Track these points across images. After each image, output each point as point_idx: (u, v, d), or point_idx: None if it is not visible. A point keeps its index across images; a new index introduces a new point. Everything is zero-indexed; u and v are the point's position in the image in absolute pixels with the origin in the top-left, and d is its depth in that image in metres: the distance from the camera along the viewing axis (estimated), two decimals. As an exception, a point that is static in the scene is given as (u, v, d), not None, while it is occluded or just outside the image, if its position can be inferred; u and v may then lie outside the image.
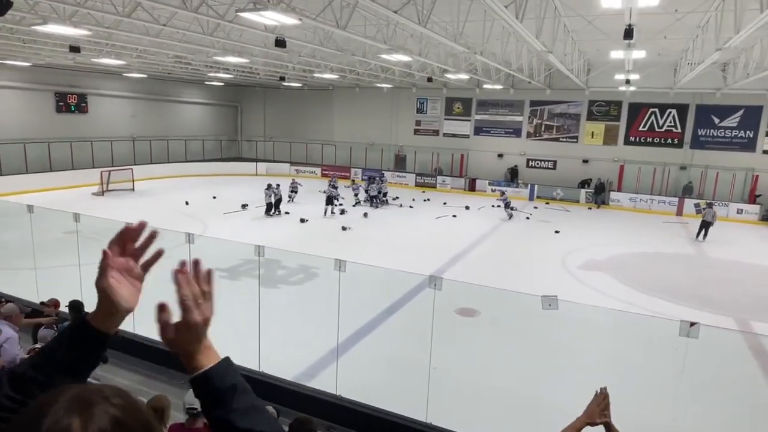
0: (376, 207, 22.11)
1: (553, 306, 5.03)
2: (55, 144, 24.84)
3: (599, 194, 25.21)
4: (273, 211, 19.26)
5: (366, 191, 23.28)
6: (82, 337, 1.13)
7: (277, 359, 7.31)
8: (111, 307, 1.12)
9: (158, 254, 1.20)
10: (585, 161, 26.86)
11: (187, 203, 20.88)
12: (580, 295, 11.27)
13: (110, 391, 0.89)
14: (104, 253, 1.13)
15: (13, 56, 20.61)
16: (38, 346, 5.49)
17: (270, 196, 19.13)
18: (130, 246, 1.17)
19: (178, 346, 1.13)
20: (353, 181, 27.53)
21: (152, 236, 1.20)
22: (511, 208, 21.10)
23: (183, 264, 1.17)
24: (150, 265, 1.19)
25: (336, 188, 20.85)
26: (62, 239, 12.13)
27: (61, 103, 26.08)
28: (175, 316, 1.17)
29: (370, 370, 8.01)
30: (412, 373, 7.70)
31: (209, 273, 1.17)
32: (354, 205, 22.08)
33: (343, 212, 20.42)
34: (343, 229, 17.42)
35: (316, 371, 7.57)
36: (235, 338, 8.29)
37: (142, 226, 1.18)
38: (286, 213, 19.60)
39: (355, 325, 9.15)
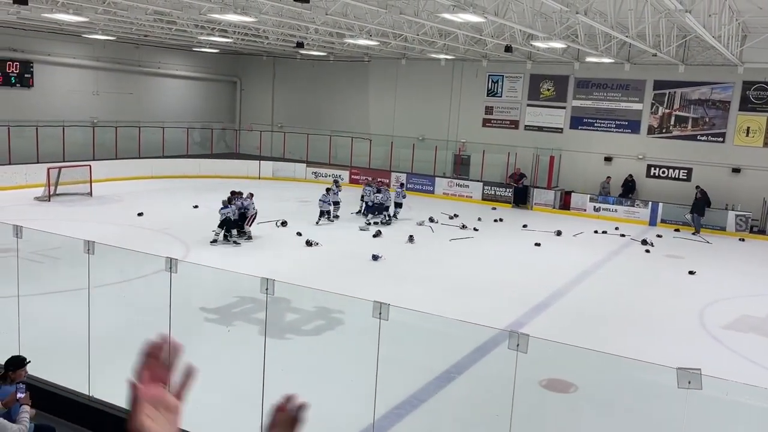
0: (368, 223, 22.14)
1: (694, 384, 4.88)
2: (-12, 129, 26.01)
3: (699, 213, 24.70)
4: (223, 232, 18.76)
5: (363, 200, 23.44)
6: None
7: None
8: None
9: (189, 374, 1.33)
10: (735, 170, 26.17)
11: (140, 214, 21.37)
12: (726, 368, 10.90)
13: None
14: (133, 386, 1.24)
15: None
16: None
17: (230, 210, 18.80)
18: (156, 369, 1.29)
19: None
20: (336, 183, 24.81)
21: (176, 351, 1.36)
22: (382, 221, 21.77)
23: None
24: (183, 390, 1.32)
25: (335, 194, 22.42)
26: (-5, 260, 12.66)
27: (-2, 73, 27.35)
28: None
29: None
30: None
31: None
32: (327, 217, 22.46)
33: (377, 234, 20.55)
34: (374, 258, 17.52)
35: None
36: (228, 408, 8.47)
37: (164, 340, 1.32)
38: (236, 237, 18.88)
39: (397, 395, 9.11)
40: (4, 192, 24.22)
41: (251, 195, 19.86)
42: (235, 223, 18.94)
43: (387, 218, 22.92)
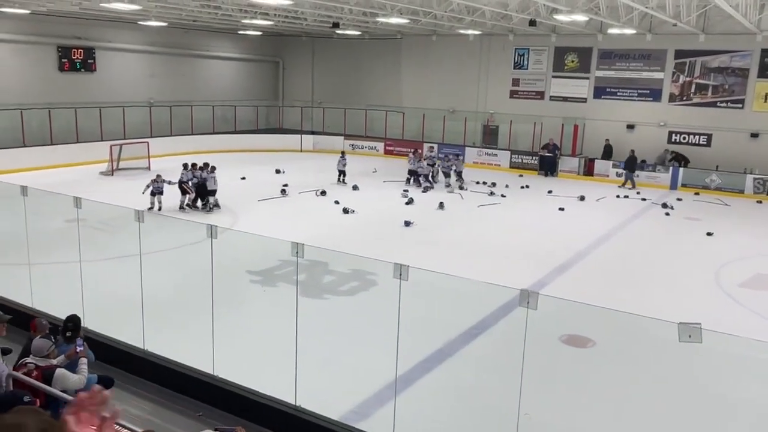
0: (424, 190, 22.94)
1: (694, 338, 4.80)
2: (57, 111, 26.55)
3: (629, 169, 25.29)
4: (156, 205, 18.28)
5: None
6: None
7: (319, 391, 7.46)
8: None
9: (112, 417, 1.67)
10: (754, 135, 25.44)
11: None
12: (740, 324, 10.73)
13: None
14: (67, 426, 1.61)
15: (9, 1, 22.18)
16: (30, 360, 5.92)
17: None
18: (87, 414, 1.65)
19: None
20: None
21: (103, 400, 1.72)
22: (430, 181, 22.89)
23: None
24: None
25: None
26: (63, 229, 12.99)
27: (64, 60, 27.82)
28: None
29: (440, 414, 8.00)
30: (496, 420, 7.62)
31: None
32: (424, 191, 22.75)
33: (410, 202, 20.50)
34: (407, 224, 17.52)
35: (369, 410, 7.66)
36: (268, 360, 8.63)
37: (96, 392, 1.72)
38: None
39: (421, 351, 9.17)
40: (73, 168, 24.78)
41: (208, 167, 19.10)
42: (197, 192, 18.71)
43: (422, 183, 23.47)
